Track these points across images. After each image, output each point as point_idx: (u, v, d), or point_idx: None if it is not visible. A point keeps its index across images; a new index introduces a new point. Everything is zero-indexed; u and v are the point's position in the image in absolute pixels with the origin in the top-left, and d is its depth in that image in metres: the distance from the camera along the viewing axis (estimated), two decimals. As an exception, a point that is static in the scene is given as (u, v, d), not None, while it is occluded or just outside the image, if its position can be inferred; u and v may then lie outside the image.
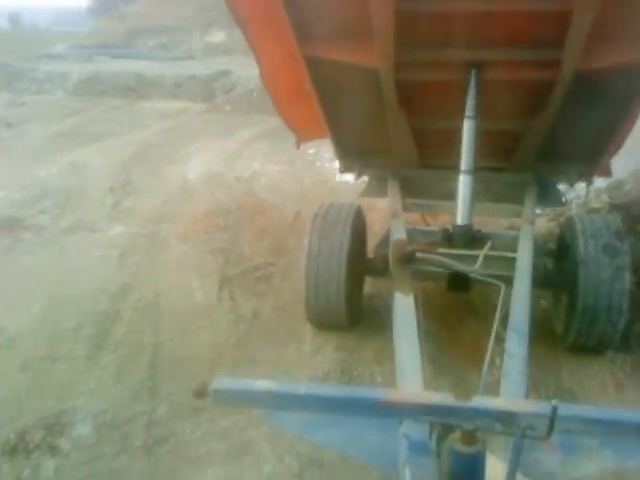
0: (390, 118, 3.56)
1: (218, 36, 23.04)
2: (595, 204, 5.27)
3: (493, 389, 2.17)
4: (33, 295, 4.28)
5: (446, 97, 3.40)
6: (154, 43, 24.50)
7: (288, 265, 4.66)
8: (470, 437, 1.58)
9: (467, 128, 3.36)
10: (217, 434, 2.92)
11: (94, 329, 3.84)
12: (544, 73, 3.15)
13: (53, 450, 2.82)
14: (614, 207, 4.90)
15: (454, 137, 3.41)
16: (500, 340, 2.49)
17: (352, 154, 4.24)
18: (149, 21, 26.28)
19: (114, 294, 4.29)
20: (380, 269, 3.61)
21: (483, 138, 3.42)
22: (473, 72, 3.22)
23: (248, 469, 2.72)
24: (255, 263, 4.75)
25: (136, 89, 14.78)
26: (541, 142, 3.68)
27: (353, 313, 3.79)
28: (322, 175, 7.07)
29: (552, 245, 4.28)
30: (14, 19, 60.86)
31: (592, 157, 3.96)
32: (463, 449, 1.57)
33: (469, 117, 3.35)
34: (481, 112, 3.33)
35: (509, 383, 2.16)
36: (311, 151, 7.57)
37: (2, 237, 5.36)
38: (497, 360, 2.86)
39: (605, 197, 5.33)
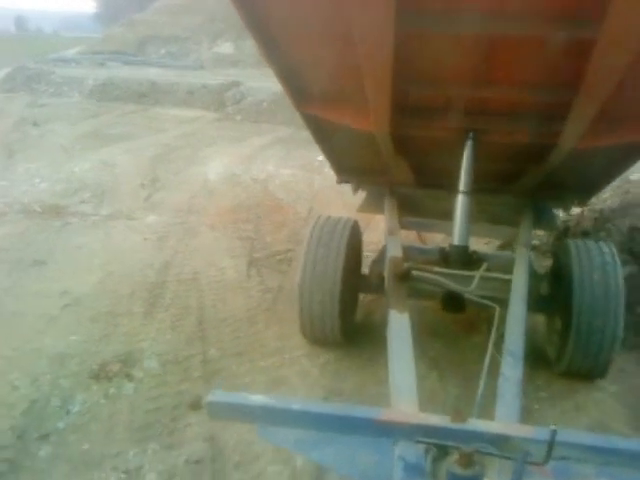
0: (387, 158, 3.60)
1: (226, 47, 23.90)
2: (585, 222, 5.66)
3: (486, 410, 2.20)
4: (89, 268, 5.05)
5: (444, 147, 3.38)
6: (164, 51, 25.32)
7: (305, 251, 5.44)
8: (468, 460, 1.61)
9: (466, 155, 3.33)
10: (258, 370, 3.69)
11: (146, 294, 4.61)
12: (542, 144, 3.17)
13: (129, 377, 3.59)
14: (591, 211, 5.66)
15: (452, 161, 3.39)
16: (495, 362, 2.49)
17: (349, 171, 4.32)
18: (159, 30, 27.13)
19: (159, 269, 5.07)
20: (375, 286, 3.67)
21: (482, 166, 3.38)
22: (470, 135, 3.23)
23: (286, 394, 3.48)
24: (277, 249, 5.55)
25: (149, 95, 15.54)
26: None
27: (347, 329, 3.80)
28: (331, 179, 7.83)
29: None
30: (20, 23, 61.32)
31: (590, 188, 4.04)
32: (461, 472, 1.61)
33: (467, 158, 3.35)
34: (478, 160, 3.33)
35: (504, 406, 2.16)
36: (320, 157, 8.37)
37: (52, 220, 6.13)
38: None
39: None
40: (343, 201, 6.17)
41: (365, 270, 3.99)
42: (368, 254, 4.31)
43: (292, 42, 2.74)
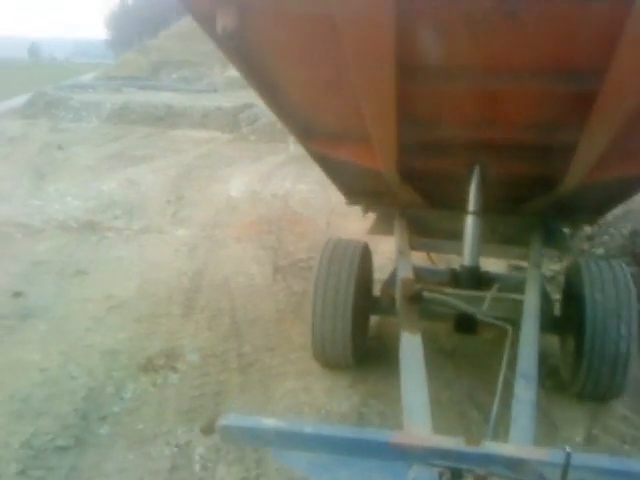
0: (394, 187, 3.64)
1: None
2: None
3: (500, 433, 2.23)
4: (128, 276, 5.48)
5: (451, 177, 3.45)
6: (177, 76, 26.05)
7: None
8: None
9: (474, 182, 3.37)
10: (287, 362, 4.09)
11: (183, 298, 5.03)
12: (548, 177, 3.25)
13: (174, 369, 4.00)
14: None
15: (460, 187, 3.41)
16: (508, 384, 2.49)
17: (357, 195, 4.36)
18: (171, 55, 27.96)
19: (192, 276, 5.50)
20: (386, 308, 3.67)
21: (490, 191, 3.41)
22: (477, 167, 3.30)
23: (314, 383, 3.87)
24: (299, 257, 5.97)
25: (166, 119, 16.09)
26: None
27: (358, 352, 3.83)
28: (345, 194, 8.31)
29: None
30: (33, 50, 62.62)
31: (601, 209, 4.09)
32: None
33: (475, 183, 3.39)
34: (486, 186, 3.38)
35: (518, 428, 2.14)
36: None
37: (90, 235, 6.58)
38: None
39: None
40: (359, 214, 6.57)
41: (376, 292, 4.04)
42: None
43: (293, 89, 2.80)
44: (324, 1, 1.81)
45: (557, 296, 4.96)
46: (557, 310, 3.90)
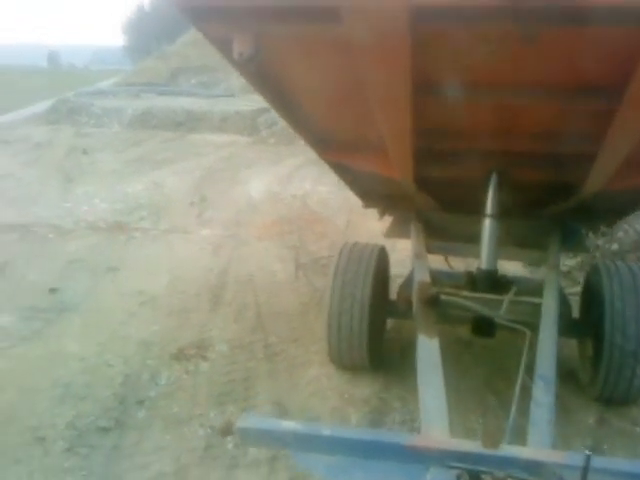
0: (410, 193, 3.64)
1: (255, 76, 24.82)
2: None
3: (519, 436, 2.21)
4: (158, 273, 5.73)
5: (468, 184, 3.42)
6: (195, 81, 26.40)
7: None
8: None
9: (491, 188, 3.36)
10: (311, 352, 4.30)
11: (210, 294, 5.26)
12: (567, 185, 3.23)
13: (204, 358, 4.23)
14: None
15: (477, 193, 3.39)
16: (526, 387, 2.50)
17: (374, 199, 4.36)
18: (189, 61, 28.30)
19: (218, 273, 5.74)
20: (403, 311, 3.67)
21: (507, 196, 3.40)
22: (494, 174, 3.29)
23: (337, 371, 4.07)
24: (320, 255, 6.19)
25: (186, 123, 16.41)
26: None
27: (375, 355, 3.84)
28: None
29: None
30: (52, 58, 63.48)
31: (620, 213, 4.05)
32: None
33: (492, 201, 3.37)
34: (504, 191, 3.35)
35: (536, 432, 2.14)
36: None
37: (119, 234, 6.86)
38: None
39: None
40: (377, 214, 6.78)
41: (393, 295, 4.04)
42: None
43: (310, 104, 2.82)
44: (339, 24, 1.79)
45: (572, 289, 5.16)
46: (575, 313, 3.91)
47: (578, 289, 5.36)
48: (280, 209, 7.98)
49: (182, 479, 3.08)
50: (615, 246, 5.98)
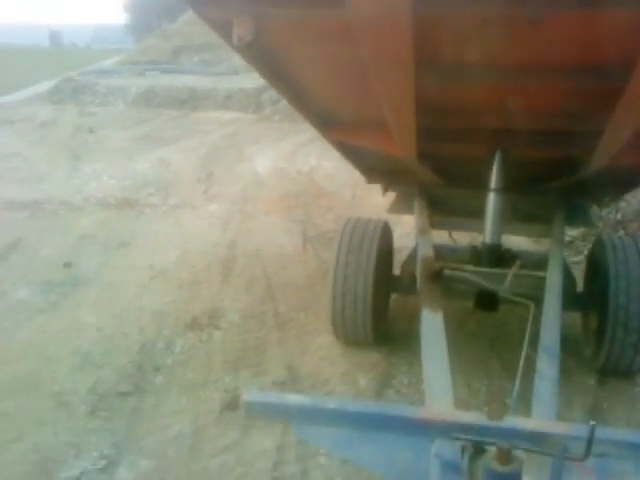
0: (413, 169, 3.64)
1: (258, 53, 24.70)
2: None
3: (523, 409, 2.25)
4: (168, 247, 5.86)
5: (472, 160, 3.46)
6: (197, 59, 26.29)
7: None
8: (506, 456, 1.63)
9: (496, 164, 3.37)
10: (320, 321, 4.41)
11: (220, 266, 5.40)
12: (572, 160, 3.23)
13: (217, 327, 4.37)
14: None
15: (481, 168, 3.38)
16: (530, 360, 2.51)
17: (377, 175, 4.36)
18: (191, 39, 28.11)
19: (227, 247, 5.86)
20: (407, 286, 3.70)
21: (512, 172, 3.39)
22: (498, 151, 3.29)
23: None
24: (327, 228, 6.30)
25: (190, 101, 16.44)
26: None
27: (379, 330, 3.89)
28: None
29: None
30: (54, 37, 63.09)
31: (626, 186, 4.00)
32: (499, 468, 1.63)
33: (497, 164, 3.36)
34: (508, 168, 3.37)
35: (540, 404, 2.15)
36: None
37: (128, 210, 6.98)
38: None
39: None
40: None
41: (396, 271, 4.06)
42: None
43: (312, 85, 2.82)
44: (340, 7, 1.77)
45: (575, 258, 5.28)
46: (580, 287, 3.95)
47: (581, 258, 5.49)
48: (286, 184, 8.07)
49: (200, 438, 3.23)
50: (618, 216, 6.07)
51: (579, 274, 4.80)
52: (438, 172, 3.69)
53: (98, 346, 4.10)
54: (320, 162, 9.14)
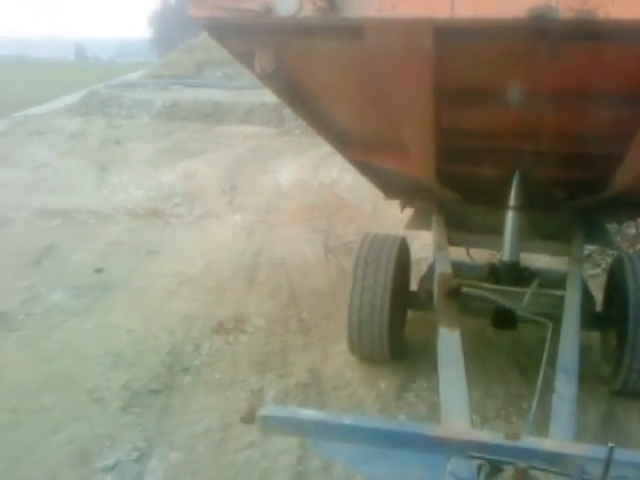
0: (432, 188, 3.69)
1: (279, 68, 25.07)
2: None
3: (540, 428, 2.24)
4: (194, 255, 6.06)
5: (491, 180, 3.46)
6: (220, 74, 26.75)
7: (372, 241, 6.34)
8: (523, 476, 1.64)
9: (515, 184, 3.40)
10: (340, 328, 4.56)
11: (245, 274, 5.58)
12: (592, 183, 3.22)
13: (243, 331, 4.54)
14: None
15: (501, 184, 3.39)
16: (548, 380, 2.51)
17: (395, 192, 4.44)
18: (214, 54, 28.60)
19: (251, 255, 6.06)
20: (424, 303, 3.67)
21: (531, 191, 3.41)
22: (518, 171, 3.31)
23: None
24: (348, 239, 6.46)
25: (213, 115, 16.75)
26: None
27: (395, 346, 3.87)
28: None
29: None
30: (79, 51, 64.34)
31: None
32: None
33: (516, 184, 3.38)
34: (528, 187, 3.38)
35: (558, 424, 2.14)
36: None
37: (155, 220, 7.21)
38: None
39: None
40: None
41: (414, 287, 4.05)
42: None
43: (332, 109, 2.88)
44: (359, 40, 1.82)
45: (592, 271, 5.39)
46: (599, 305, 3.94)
47: (598, 271, 5.60)
48: (308, 196, 8.27)
49: (227, 435, 3.39)
50: (635, 230, 6.15)
51: (596, 287, 4.93)
52: (457, 191, 3.74)
53: (129, 347, 4.30)
54: (341, 175, 9.32)
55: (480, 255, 4.91)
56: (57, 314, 4.80)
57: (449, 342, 2.67)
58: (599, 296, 4.16)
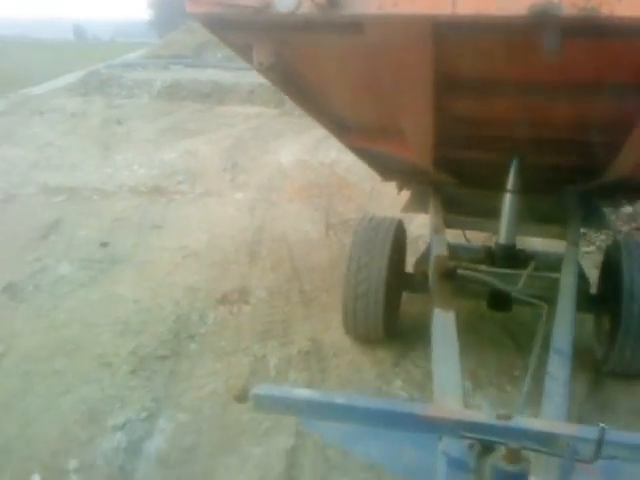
0: (428, 171, 3.70)
1: (281, 49, 25.02)
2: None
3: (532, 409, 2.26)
4: (198, 231, 6.20)
5: (488, 166, 3.48)
6: (221, 55, 26.68)
7: (372, 218, 6.47)
8: (515, 456, 1.62)
9: (512, 170, 3.42)
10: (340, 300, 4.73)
11: (248, 249, 5.72)
12: (590, 169, 3.26)
13: (246, 302, 4.69)
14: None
15: (498, 169, 3.40)
16: (541, 361, 2.51)
17: (392, 174, 4.44)
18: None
19: (254, 232, 6.19)
20: (419, 285, 3.68)
21: (528, 175, 3.42)
22: (515, 157, 3.32)
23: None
24: (348, 217, 6.60)
25: (213, 95, 16.78)
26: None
27: (390, 327, 3.91)
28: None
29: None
30: (78, 32, 63.91)
31: None
32: (508, 467, 1.62)
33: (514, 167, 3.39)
34: (525, 172, 3.39)
35: (550, 405, 2.15)
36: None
37: (159, 197, 7.33)
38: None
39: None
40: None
41: (409, 269, 4.10)
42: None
43: (330, 97, 2.90)
44: (359, 34, 1.82)
45: (588, 249, 5.53)
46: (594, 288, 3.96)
47: (593, 248, 5.74)
48: (309, 175, 8.38)
49: (232, 397, 3.55)
50: (629, 209, 6.28)
51: (591, 264, 5.09)
52: (454, 174, 3.79)
53: (136, 316, 4.44)
54: (340, 155, 9.37)
55: (476, 237, 5.05)
56: (65, 285, 4.94)
57: (443, 323, 2.69)
58: (593, 273, 4.31)
